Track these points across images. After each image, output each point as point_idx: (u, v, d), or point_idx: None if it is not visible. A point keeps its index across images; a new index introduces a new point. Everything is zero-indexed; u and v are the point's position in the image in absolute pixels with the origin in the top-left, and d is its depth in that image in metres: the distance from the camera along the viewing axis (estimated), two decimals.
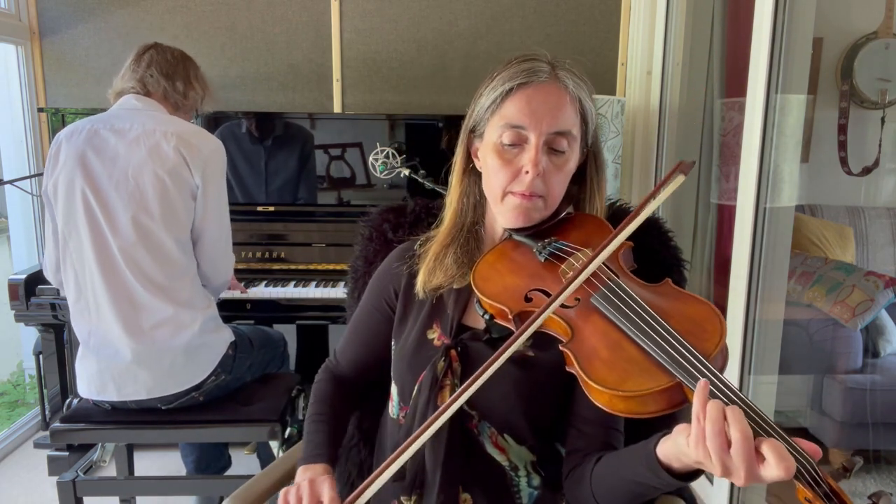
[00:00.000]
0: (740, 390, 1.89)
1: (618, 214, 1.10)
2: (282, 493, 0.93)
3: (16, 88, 2.73)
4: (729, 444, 0.67)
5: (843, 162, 2.81)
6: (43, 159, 2.77)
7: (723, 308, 1.93)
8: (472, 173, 1.05)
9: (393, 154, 2.44)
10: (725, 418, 0.68)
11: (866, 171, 2.82)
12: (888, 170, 2.90)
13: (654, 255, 1.12)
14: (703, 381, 0.71)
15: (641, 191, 2.74)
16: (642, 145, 2.72)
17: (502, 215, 1.00)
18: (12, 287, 2.21)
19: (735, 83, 2.37)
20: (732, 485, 1.94)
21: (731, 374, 1.87)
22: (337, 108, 2.80)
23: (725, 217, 2.46)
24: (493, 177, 0.98)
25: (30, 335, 2.81)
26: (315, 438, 1.08)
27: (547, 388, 0.94)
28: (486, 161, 0.99)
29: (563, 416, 0.98)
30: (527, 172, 0.94)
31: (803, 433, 2.54)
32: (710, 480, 2.08)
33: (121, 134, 1.72)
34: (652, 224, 1.15)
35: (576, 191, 1.06)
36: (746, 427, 0.67)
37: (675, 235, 1.16)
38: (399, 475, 1.00)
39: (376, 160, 2.44)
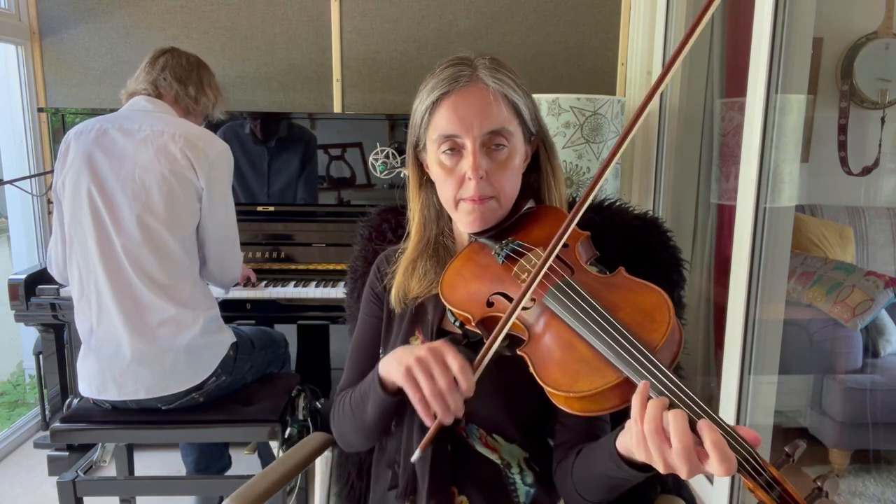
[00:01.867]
0: (740, 390, 1.88)
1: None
2: (404, 369, 0.84)
3: (16, 88, 2.73)
4: (670, 444, 0.68)
5: (843, 162, 2.80)
6: (43, 159, 2.77)
7: (723, 308, 1.93)
8: (429, 185, 1.05)
9: (393, 154, 2.44)
10: (665, 417, 0.69)
11: (866, 171, 2.82)
12: (888, 170, 2.90)
13: (653, 255, 1.12)
14: (642, 383, 0.72)
15: (642, 191, 2.74)
16: (642, 145, 2.72)
17: (460, 222, 1.01)
18: (12, 287, 2.21)
19: (735, 83, 2.37)
20: (733, 485, 1.94)
21: (731, 375, 1.87)
22: (337, 108, 2.80)
23: (725, 217, 2.46)
24: (442, 187, 0.99)
25: (30, 335, 2.81)
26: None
27: (528, 386, 0.94)
28: (433, 173, 1.00)
29: (547, 411, 0.98)
30: (469, 179, 0.94)
31: (803, 433, 2.54)
32: (710, 480, 2.08)
33: (129, 134, 1.73)
34: (651, 224, 1.15)
35: (534, 179, 1.06)
36: (686, 434, 0.67)
37: (674, 235, 1.16)
38: (392, 483, 1.01)
39: (376, 160, 2.44)
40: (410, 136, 1.03)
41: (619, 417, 0.87)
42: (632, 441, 0.72)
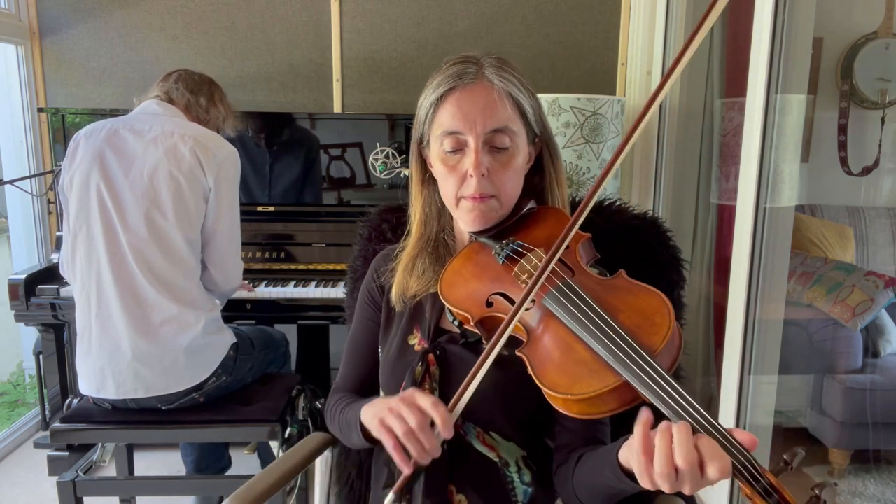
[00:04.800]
0: (740, 390, 1.88)
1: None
2: (377, 421, 0.86)
3: (16, 88, 2.73)
4: (677, 470, 0.66)
5: (843, 162, 2.80)
6: (43, 159, 2.77)
7: (723, 308, 1.93)
8: (431, 182, 1.05)
9: (393, 154, 2.44)
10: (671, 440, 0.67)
11: (866, 171, 2.82)
12: (888, 170, 2.90)
13: (653, 255, 1.12)
14: (644, 411, 0.70)
15: (642, 191, 2.74)
16: (642, 145, 2.72)
17: (461, 220, 1.01)
18: (12, 287, 2.21)
19: (735, 83, 2.37)
20: (733, 485, 1.93)
21: (731, 375, 1.87)
22: (337, 108, 2.80)
23: (725, 217, 2.46)
24: (444, 184, 0.99)
25: (30, 335, 2.81)
26: (356, 403, 1.05)
27: (525, 386, 0.94)
28: (436, 170, 1.00)
29: (546, 411, 0.98)
30: (471, 176, 0.94)
31: (803, 433, 2.54)
32: None
33: (140, 134, 1.76)
34: (651, 223, 1.15)
35: (537, 181, 1.06)
36: (692, 454, 0.66)
37: (674, 235, 1.16)
38: (388, 481, 1.01)
39: (376, 160, 2.44)
40: (415, 133, 1.03)
41: (620, 419, 0.87)
42: (635, 469, 0.71)
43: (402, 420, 0.83)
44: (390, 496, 0.85)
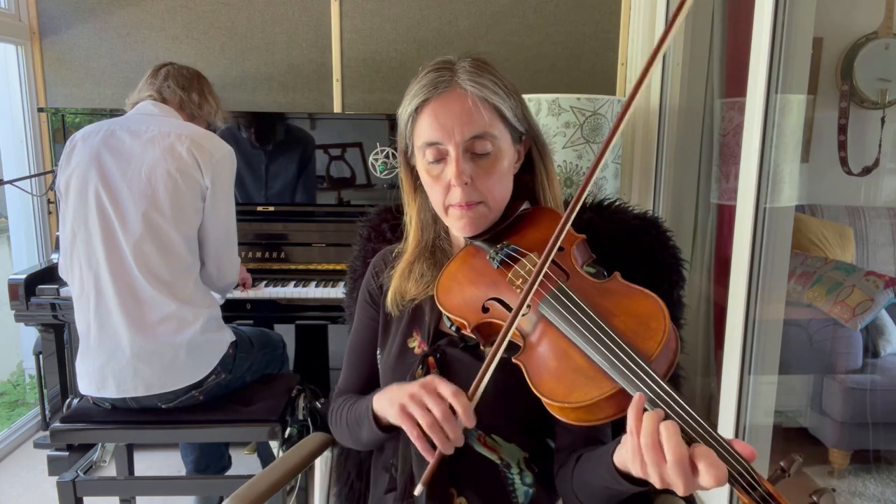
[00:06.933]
0: (740, 390, 1.88)
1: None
2: (397, 408, 0.86)
3: (16, 88, 2.73)
4: (665, 459, 0.67)
5: (843, 162, 2.80)
6: (43, 159, 2.77)
7: (723, 308, 1.93)
8: (422, 189, 1.04)
9: (393, 154, 2.44)
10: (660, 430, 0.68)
11: (866, 171, 2.82)
12: (888, 170, 2.90)
13: (653, 255, 1.12)
14: (637, 395, 0.71)
15: (642, 191, 2.74)
16: (642, 145, 2.72)
17: (452, 227, 1.01)
18: (12, 287, 2.21)
19: (735, 83, 2.37)
20: (732, 491, 1.93)
21: (732, 375, 1.87)
22: (337, 108, 2.80)
23: (725, 217, 2.46)
24: (431, 194, 0.99)
25: (30, 335, 2.81)
26: (364, 398, 1.05)
27: (526, 388, 0.94)
28: (423, 179, 0.99)
29: (547, 412, 0.98)
30: (454, 185, 0.94)
31: (803, 433, 2.54)
32: None
33: (136, 135, 1.77)
34: (650, 223, 1.15)
35: (529, 179, 1.05)
36: (680, 447, 0.66)
37: (674, 235, 1.16)
38: (391, 485, 1.00)
39: (376, 160, 2.44)
40: (400, 143, 1.02)
41: (622, 421, 0.87)
42: (627, 455, 0.71)
43: (425, 410, 0.84)
44: (420, 488, 0.85)
